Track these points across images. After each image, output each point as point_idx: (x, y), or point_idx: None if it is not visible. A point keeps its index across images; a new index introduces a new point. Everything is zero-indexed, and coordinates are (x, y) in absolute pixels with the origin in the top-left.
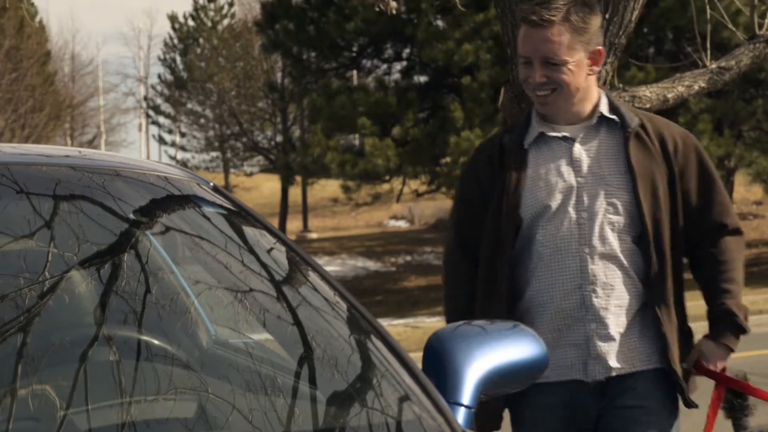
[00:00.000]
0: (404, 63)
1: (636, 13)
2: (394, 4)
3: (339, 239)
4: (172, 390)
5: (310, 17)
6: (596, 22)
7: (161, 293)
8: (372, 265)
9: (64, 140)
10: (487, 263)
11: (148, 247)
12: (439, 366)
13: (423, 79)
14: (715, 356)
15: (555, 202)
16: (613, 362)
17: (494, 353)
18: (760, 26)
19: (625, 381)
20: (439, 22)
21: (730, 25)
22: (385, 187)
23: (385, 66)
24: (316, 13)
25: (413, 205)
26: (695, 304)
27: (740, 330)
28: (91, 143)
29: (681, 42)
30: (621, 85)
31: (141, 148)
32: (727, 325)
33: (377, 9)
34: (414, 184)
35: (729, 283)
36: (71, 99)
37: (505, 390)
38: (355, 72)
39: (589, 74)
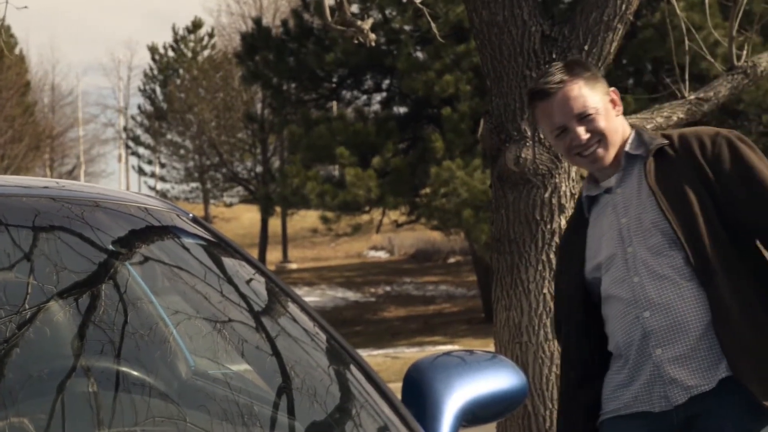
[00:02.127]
0: (384, 94)
1: (615, 44)
2: (373, 36)
3: (318, 270)
4: (151, 421)
5: (289, 48)
6: (596, 70)
7: (140, 324)
8: (352, 295)
9: (43, 171)
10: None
11: (127, 278)
12: (418, 396)
13: (403, 110)
14: None
15: (608, 252)
16: (691, 380)
17: (473, 384)
18: (738, 57)
19: (709, 400)
20: (419, 54)
21: (709, 57)
22: (365, 217)
23: (364, 97)
24: (296, 44)
25: (393, 236)
26: None
27: None
28: (71, 174)
29: (660, 73)
30: None
31: (120, 179)
32: None
33: (356, 41)
34: (393, 215)
35: None
36: (51, 130)
37: (484, 421)
38: (335, 103)
39: (617, 115)
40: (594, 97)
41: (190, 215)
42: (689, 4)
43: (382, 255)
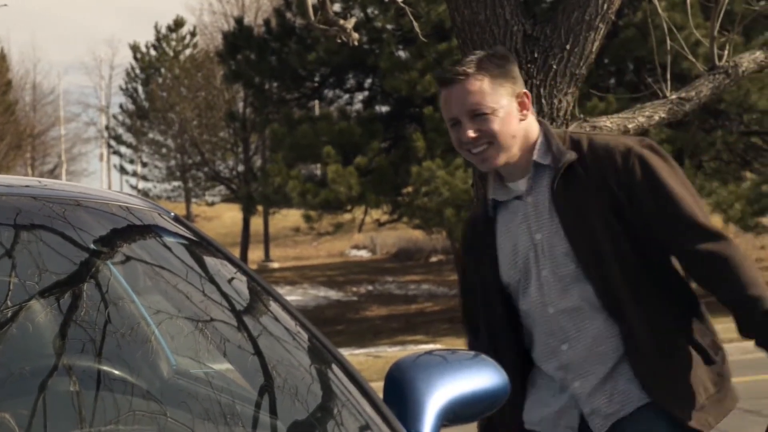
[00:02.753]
0: (366, 93)
1: (596, 43)
2: (356, 35)
3: (301, 269)
4: (132, 420)
5: (271, 47)
6: (514, 68)
7: (122, 323)
8: (334, 294)
9: (24, 170)
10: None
11: (108, 277)
12: (400, 395)
13: (385, 109)
14: None
15: (522, 270)
16: (610, 408)
17: (455, 383)
18: (720, 57)
19: (626, 423)
20: (402, 53)
21: (690, 56)
22: (347, 216)
23: (347, 96)
24: (278, 43)
25: (375, 235)
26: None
27: None
28: (52, 173)
29: (641, 73)
30: (582, 116)
31: (102, 178)
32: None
33: (339, 40)
34: (376, 214)
35: (746, 289)
36: (32, 128)
37: (466, 420)
38: (317, 102)
39: (521, 119)
40: (494, 96)
41: (172, 214)
42: (671, 4)
43: (364, 254)
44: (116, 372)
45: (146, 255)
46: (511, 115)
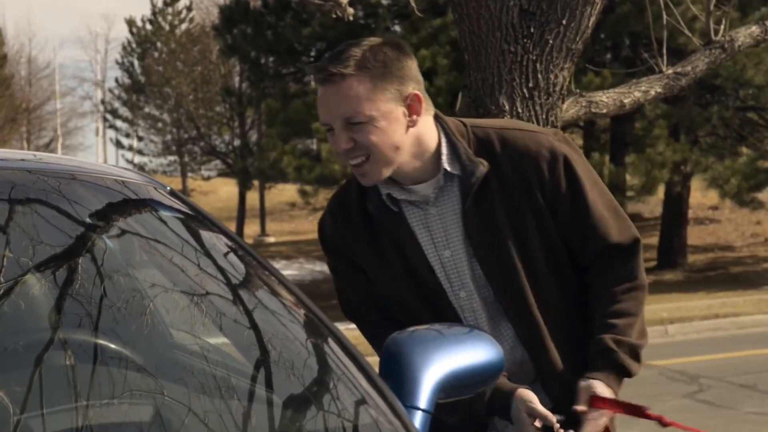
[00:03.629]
0: None
1: (593, 18)
2: (350, 11)
3: (296, 243)
4: (128, 394)
5: (267, 22)
6: (407, 64)
7: (117, 297)
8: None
9: (20, 144)
10: None
11: (104, 251)
12: (396, 370)
13: None
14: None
15: (430, 285)
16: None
17: (451, 357)
18: (716, 32)
19: None
20: (397, 28)
21: (686, 31)
22: None
23: None
24: (274, 17)
25: None
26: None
27: (619, 368)
28: (48, 147)
29: (637, 48)
30: (578, 91)
31: (98, 152)
32: (604, 363)
33: (334, 15)
34: None
35: (613, 317)
36: (28, 102)
37: (461, 394)
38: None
39: (410, 125)
40: (373, 102)
41: (168, 188)
42: None
43: None
44: (112, 346)
45: (142, 229)
46: (394, 122)
